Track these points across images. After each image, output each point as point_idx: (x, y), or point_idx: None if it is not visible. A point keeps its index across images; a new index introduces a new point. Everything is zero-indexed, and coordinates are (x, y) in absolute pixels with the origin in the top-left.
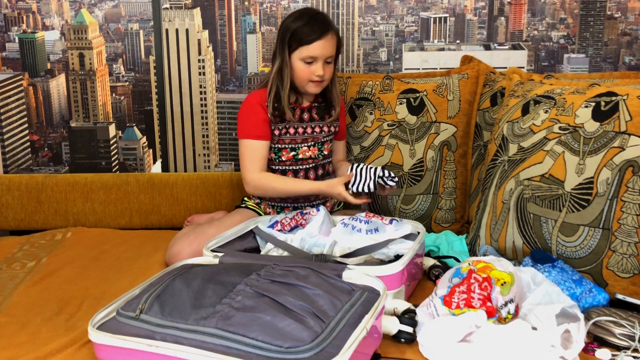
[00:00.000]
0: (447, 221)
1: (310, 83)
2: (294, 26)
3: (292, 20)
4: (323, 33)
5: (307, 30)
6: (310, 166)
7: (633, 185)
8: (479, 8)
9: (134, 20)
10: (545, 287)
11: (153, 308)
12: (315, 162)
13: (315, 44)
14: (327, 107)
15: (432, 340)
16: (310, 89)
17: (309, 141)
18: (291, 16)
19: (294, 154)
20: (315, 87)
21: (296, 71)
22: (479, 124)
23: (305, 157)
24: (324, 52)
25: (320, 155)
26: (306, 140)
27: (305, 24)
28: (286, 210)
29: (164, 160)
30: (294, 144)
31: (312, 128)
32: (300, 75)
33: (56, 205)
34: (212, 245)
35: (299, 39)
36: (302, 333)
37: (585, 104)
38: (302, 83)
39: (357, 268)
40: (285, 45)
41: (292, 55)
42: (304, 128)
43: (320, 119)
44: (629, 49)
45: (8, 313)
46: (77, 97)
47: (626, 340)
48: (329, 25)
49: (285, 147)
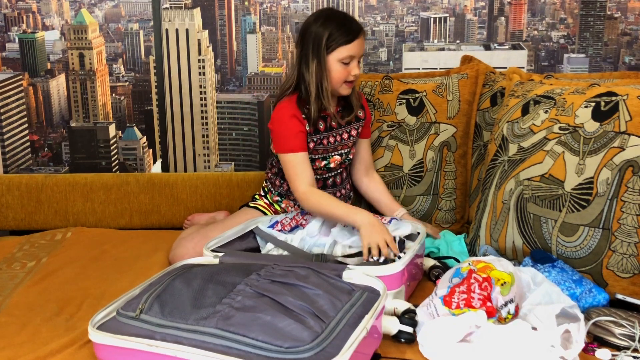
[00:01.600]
0: (447, 222)
1: (344, 84)
2: (328, 28)
3: (322, 23)
4: (359, 31)
5: (344, 31)
6: (337, 172)
7: (633, 185)
8: (479, 8)
9: (134, 20)
10: (545, 287)
11: (153, 308)
12: (342, 167)
13: (354, 43)
14: (349, 109)
15: (432, 340)
16: (344, 91)
17: (339, 149)
18: (317, 20)
19: (325, 163)
20: (348, 88)
21: (333, 73)
22: (478, 124)
23: (336, 165)
24: (360, 51)
25: (347, 160)
26: (336, 149)
27: (340, 25)
28: None
29: (164, 160)
30: (326, 153)
31: (340, 135)
32: (337, 76)
33: (56, 205)
34: (212, 245)
35: (337, 40)
36: (302, 333)
37: (585, 104)
38: (337, 84)
39: (357, 268)
40: (322, 49)
41: (329, 57)
42: (334, 137)
43: (346, 123)
44: (629, 49)
45: (8, 313)
46: (77, 97)
47: (626, 340)
48: (361, 26)
49: (318, 157)
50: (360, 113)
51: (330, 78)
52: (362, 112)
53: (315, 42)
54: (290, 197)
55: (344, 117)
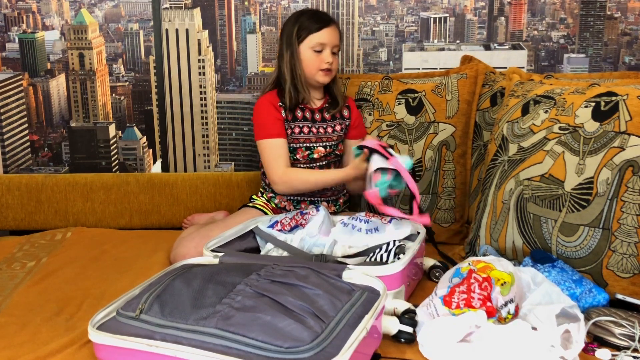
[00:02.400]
0: (447, 221)
1: (320, 72)
2: (300, 20)
3: (296, 17)
4: (329, 22)
5: (314, 20)
6: (323, 163)
7: (633, 185)
8: (479, 8)
9: (134, 20)
10: (545, 287)
11: (153, 308)
12: (327, 160)
13: (323, 31)
14: (335, 105)
15: (432, 340)
16: (320, 79)
17: (323, 141)
18: (292, 16)
19: (308, 153)
20: (324, 77)
21: (306, 61)
22: (478, 124)
23: (320, 156)
24: (332, 40)
25: (332, 154)
26: (320, 140)
27: (311, 16)
28: (303, 204)
29: (164, 160)
30: (309, 142)
31: (324, 128)
32: (310, 64)
33: (56, 205)
34: (212, 245)
35: (307, 29)
36: (302, 333)
37: (585, 104)
38: (312, 72)
39: (357, 268)
40: (294, 38)
41: (300, 47)
42: (317, 128)
43: (331, 118)
44: (629, 49)
45: (8, 313)
46: (77, 97)
47: (626, 340)
48: (332, 18)
49: (300, 146)
50: (345, 112)
51: (304, 66)
52: (347, 112)
53: (288, 35)
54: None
55: (329, 111)
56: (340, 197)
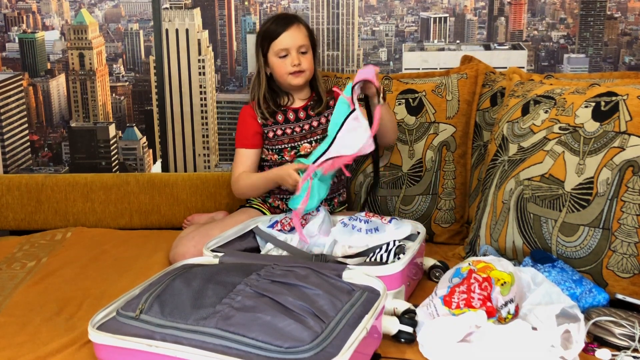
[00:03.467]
0: (447, 221)
1: (290, 76)
2: (262, 30)
3: (260, 28)
4: (287, 24)
5: (273, 26)
6: None
7: (633, 185)
8: (479, 8)
9: (134, 20)
10: (545, 287)
11: (153, 308)
12: None
13: (283, 36)
14: (320, 103)
15: (432, 340)
16: (292, 81)
17: (308, 137)
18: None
19: (295, 152)
20: (296, 79)
21: (275, 68)
22: (478, 124)
23: (308, 152)
24: (294, 42)
25: None
26: (305, 137)
27: (271, 23)
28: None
29: (164, 161)
30: (293, 142)
31: (309, 124)
32: (279, 70)
33: (56, 205)
34: (212, 245)
35: (268, 37)
36: (302, 333)
37: (585, 104)
38: (283, 78)
39: (357, 268)
40: (259, 48)
41: (268, 56)
42: (300, 127)
43: (316, 114)
44: (629, 49)
45: (8, 313)
46: (77, 97)
47: (626, 340)
48: (294, 17)
49: (285, 147)
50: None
51: (275, 73)
52: (333, 102)
53: (256, 47)
54: (274, 192)
55: (314, 109)
56: (335, 197)
